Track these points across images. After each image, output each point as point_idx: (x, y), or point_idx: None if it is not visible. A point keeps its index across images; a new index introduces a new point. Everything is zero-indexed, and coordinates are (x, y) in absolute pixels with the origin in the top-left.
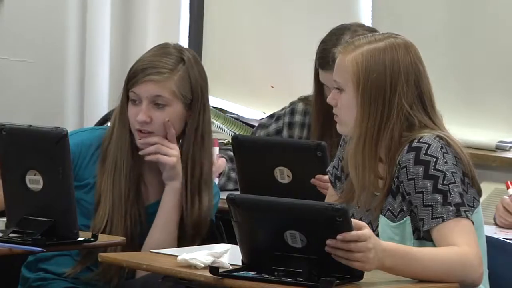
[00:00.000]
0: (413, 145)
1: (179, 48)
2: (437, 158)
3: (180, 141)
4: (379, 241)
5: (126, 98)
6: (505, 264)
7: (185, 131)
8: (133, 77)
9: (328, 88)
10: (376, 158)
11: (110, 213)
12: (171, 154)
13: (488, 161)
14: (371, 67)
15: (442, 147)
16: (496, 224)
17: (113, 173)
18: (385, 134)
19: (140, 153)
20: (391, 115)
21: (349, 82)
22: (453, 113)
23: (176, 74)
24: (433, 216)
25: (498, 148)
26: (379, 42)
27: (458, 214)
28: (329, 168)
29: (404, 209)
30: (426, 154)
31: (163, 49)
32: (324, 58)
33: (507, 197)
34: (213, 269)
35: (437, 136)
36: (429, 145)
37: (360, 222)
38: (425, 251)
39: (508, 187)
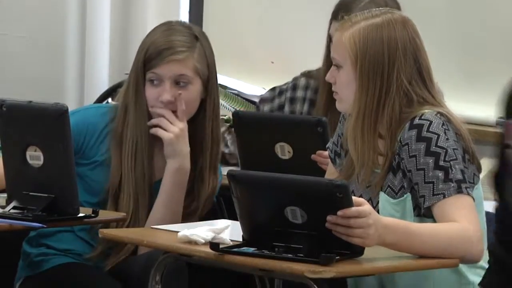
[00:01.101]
0: (414, 122)
1: (186, 25)
2: (438, 135)
3: (198, 119)
4: (380, 217)
5: (143, 81)
6: None
7: (204, 109)
8: (152, 59)
9: None
10: (375, 134)
11: (135, 196)
12: (170, 129)
13: (487, 137)
14: (368, 43)
15: (443, 124)
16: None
17: (133, 157)
18: (385, 110)
19: (148, 123)
20: (390, 91)
21: (347, 59)
22: (453, 89)
23: (195, 51)
24: (434, 193)
25: (498, 123)
26: (376, 18)
27: (459, 191)
28: (329, 144)
29: (405, 185)
30: (428, 131)
31: (171, 28)
32: (340, 9)
33: None
34: (213, 245)
35: (438, 112)
36: (431, 122)
37: (360, 198)
38: (425, 227)
39: None
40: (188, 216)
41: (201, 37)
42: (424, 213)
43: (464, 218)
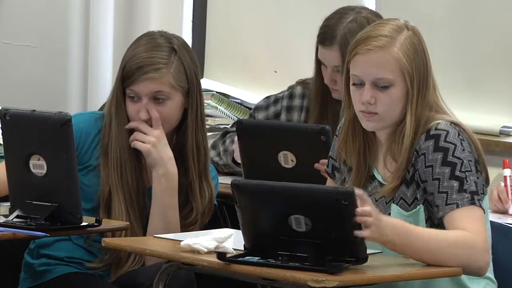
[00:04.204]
0: (431, 133)
1: (167, 37)
2: (455, 145)
3: (182, 128)
4: (381, 214)
5: (122, 95)
6: (510, 250)
7: (186, 119)
8: (130, 76)
9: (325, 67)
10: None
11: (126, 206)
12: (146, 140)
13: (491, 146)
14: (416, 55)
15: (459, 134)
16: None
17: (119, 170)
18: (422, 120)
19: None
20: (426, 100)
21: (403, 75)
22: (457, 98)
23: (172, 66)
24: (448, 202)
25: (502, 133)
26: (405, 30)
27: (472, 202)
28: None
29: (418, 197)
30: (445, 141)
31: (152, 41)
32: (325, 34)
33: (502, 183)
34: (220, 254)
35: (452, 122)
36: (448, 132)
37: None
38: (427, 229)
39: (504, 167)
40: (188, 227)
41: (180, 49)
42: (438, 223)
43: (473, 229)
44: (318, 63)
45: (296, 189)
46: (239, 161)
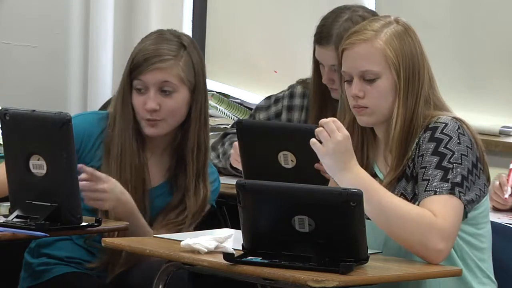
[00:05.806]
0: (430, 125)
1: (176, 34)
2: (451, 138)
3: (185, 126)
4: (354, 157)
5: (129, 88)
6: (510, 250)
7: (190, 116)
8: (138, 67)
9: (323, 66)
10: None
11: None
12: (100, 198)
13: (491, 146)
14: (405, 48)
15: (459, 128)
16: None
17: (119, 167)
18: (416, 114)
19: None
20: (421, 95)
21: (388, 66)
22: (457, 98)
23: (181, 59)
24: (426, 189)
25: (502, 133)
26: (394, 24)
27: (451, 192)
28: None
29: (417, 192)
30: (441, 132)
31: (161, 36)
32: (321, 34)
33: (504, 174)
34: (227, 255)
35: (454, 118)
36: (446, 124)
37: None
38: (397, 197)
39: None
40: (178, 225)
41: (189, 46)
42: None
43: (440, 213)
44: (316, 63)
45: (304, 190)
46: (235, 165)
